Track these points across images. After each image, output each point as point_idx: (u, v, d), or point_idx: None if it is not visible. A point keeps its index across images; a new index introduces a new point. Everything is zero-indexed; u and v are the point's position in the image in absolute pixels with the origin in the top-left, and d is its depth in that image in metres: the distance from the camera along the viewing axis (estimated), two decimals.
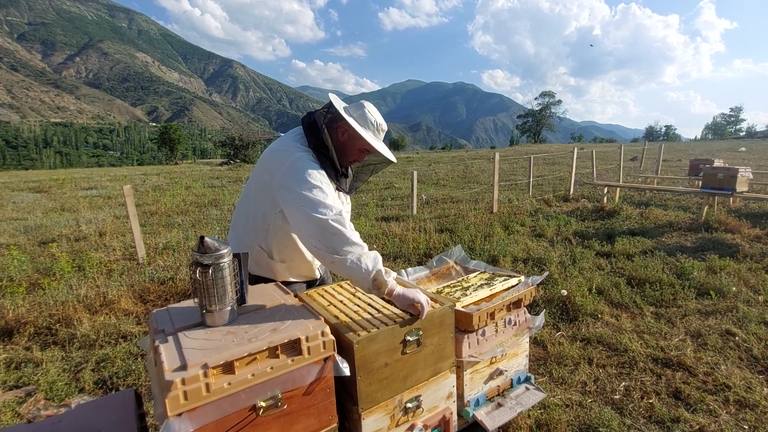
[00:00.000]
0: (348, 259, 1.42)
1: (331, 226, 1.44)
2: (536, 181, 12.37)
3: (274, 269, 1.79)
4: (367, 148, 1.71)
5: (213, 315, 1.26)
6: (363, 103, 1.73)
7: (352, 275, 1.44)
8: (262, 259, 1.77)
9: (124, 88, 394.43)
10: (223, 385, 1.07)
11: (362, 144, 1.68)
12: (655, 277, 4.27)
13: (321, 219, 1.44)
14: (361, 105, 1.72)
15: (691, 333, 3.24)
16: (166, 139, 52.29)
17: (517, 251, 5.40)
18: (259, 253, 1.76)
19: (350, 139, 1.69)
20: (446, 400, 1.63)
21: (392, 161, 1.81)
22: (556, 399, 2.46)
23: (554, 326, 3.43)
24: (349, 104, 1.75)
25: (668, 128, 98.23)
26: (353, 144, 1.70)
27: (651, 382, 2.63)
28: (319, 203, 1.47)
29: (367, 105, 1.73)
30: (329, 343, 1.26)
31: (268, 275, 1.80)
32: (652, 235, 6.15)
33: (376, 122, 1.69)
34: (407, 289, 1.50)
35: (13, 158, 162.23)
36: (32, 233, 7.48)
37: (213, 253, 1.23)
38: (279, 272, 1.81)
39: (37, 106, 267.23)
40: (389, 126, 2.31)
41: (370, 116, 1.69)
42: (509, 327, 1.94)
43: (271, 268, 1.79)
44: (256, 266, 1.79)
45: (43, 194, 13.91)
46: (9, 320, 3.40)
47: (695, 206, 8.14)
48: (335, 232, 1.43)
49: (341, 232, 1.43)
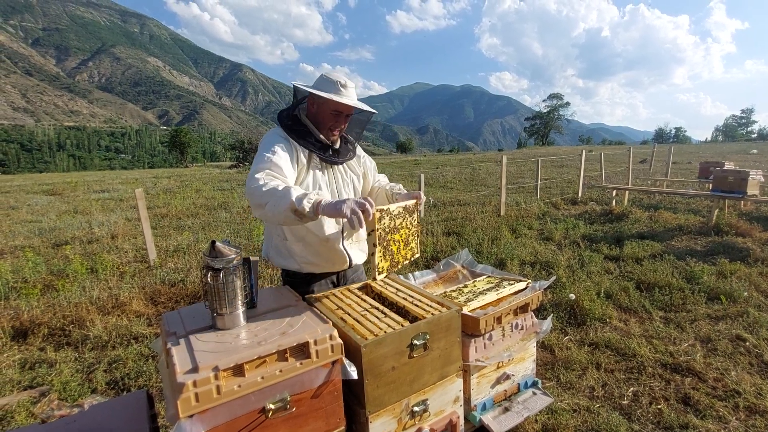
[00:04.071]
0: (267, 204, 1.42)
1: (250, 178, 1.50)
2: (544, 184, 12.31)
3: (294, 253, 1.83)
4: (336, 108, 1.75)
5: (223, 318, 1.29)
6: (323, 73, 1.81)
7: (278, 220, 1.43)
8: (281, 246, 1.85)
9: (135, 92, 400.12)
10: (233, 388, 1.09)
11: (331, 105, 1.74)
12: (665, 281, 4.23)
13: (250, 174, 1.53)
14: (321, 75, 1.79)
15: (701, 338, 3.21)
16: (177, 142, 52.90)
17: (524, 254, 5.39)
18: (279, 240, 1.85)
19: (320, 107, 1.77)
20: (453, 404, 1.64)
21: (367, 110, 1.86)
22: (564, 404, 2.45)
23: (562, 330, 3.41)
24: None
25: (678, 130, 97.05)
26: (323, 110, 1.76)
27: (660, 387, 2.61)
28: (256, 163, 1.58)
29: (327, 72, 1.81)
30: (337, 347, 1.28)
31: (292, 266, 1.85)
32: (662, 238, 6.09)
33: (337, 81, 1.74)
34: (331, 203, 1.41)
35: (28, 161, 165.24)
36: (46, 235, 7.62)
37: (224, 257, 1.26)
38: (300, 256, 1.83)
39: (51, 110, 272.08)
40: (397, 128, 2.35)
41: (329, 77, 1.75)
42: (516, 331, 1.94)
43: (292, 253, 1.83)
44: (279, 256, 1.87)
45: (57, 197, 14.15)
46: (24, 321, 3.47)
47: (705, 209, 8.04)
48: (252, 183, 1.48)
49: (256, 181, 1.47)
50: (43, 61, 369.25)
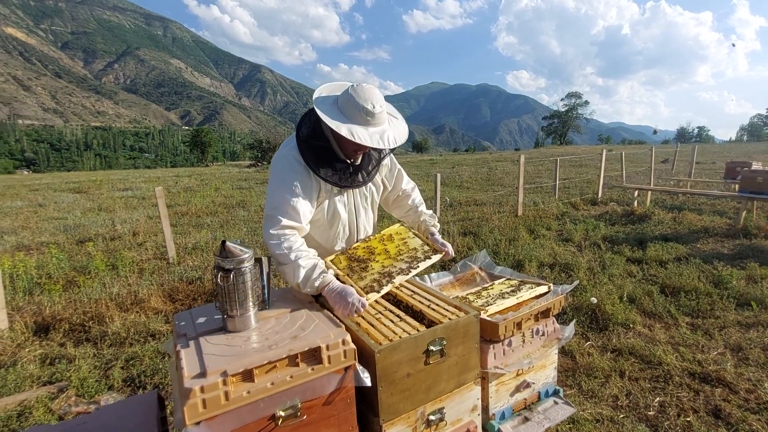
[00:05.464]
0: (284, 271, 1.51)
1: (267, 224, 1.52)
2: (562, 184, 12.04)
3: None
4: (358, 147, 1.56)
5: (234, 320, 1.26)
6: (351, 88, 1.54)
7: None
8: None
9: (159, 93, 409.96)
10: (242, 394, 1.06)
11: (344, 139, 1.51)
12: (691, 286, 4.06)
13: (266, 214, 1.53)
14: (346, 92, 1.53)
15: (731, 346, 3.05)
16: (198, 142, 53.95)
17: (543, 256, 5.26)
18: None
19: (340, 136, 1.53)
20: (470, 413, 1.58)
21: (380, 148, 1.56)
22: (586, 413, 2.36)
23: (583, 335, 3.30)
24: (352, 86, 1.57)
25: (701, 129, 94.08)
26: (344, 139, 1.52)
27: (688, 398, 2.49)
28: (273, 200, 1.53)
29: (354, 89, 1.52)
30: (350, 352, 1.24)
31: None
32: (687, 240, 5.87)
33: (363, 107, 1.48)
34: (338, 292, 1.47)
35: (57, 160, 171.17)
36: (71, 232, 7.83)
37: (234, 257, 1.23)
38: None
39: (79, 111, 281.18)
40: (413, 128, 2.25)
41: (356, 99, 1.48)
42: (537, 337, 1.86)
43: None
44: None
45: (82, 195, 14.57)
46: (46, 317, 3.55)
47: (732, 211, 7.73)
48: (268, 236, 1.51)
49: (270, 236, 1.50)
50: (72, 63, 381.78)
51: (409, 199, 1.96)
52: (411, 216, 1.96)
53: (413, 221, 1.97)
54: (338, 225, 1.75)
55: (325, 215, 1.70)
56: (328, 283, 1.49)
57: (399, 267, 1.69)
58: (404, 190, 1.96)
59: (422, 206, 1.97)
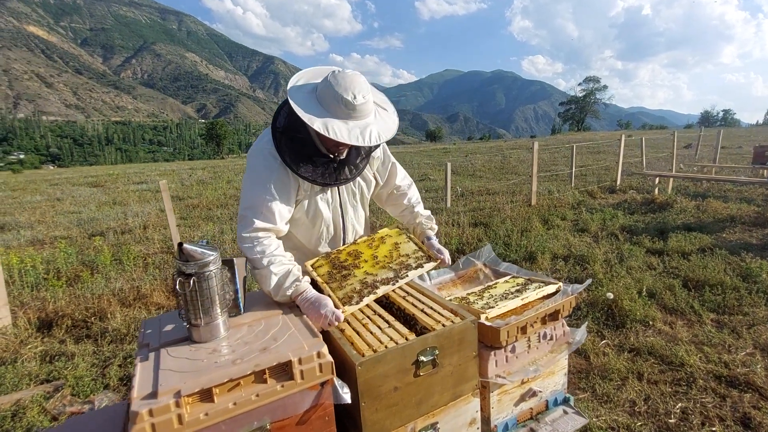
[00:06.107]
0: (257, 277, 1.40)
1: (241, 225, 1.41)
2: (579, 172, 11.65)
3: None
4: (337, 143, 1.38)
5: (199, 330, 1.14)
6: (330, 74, 1.37)
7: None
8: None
9: (175, 87, 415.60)
10: (198, 416, 0.94)
11: (330, 143, 1.40)
12: (716, 279, 3.80)
13: (240, 213, 1.43)
14: (325, 79, 1.37)
15: (761, 346, 2.83)
16: (213, 134, 54.55)
17: (556, 247, 5.04)
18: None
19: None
20: (468, 427, 1.44)
21: (360, 145, 1.35)
22: (600, 421, 2.19)
23: (598, 333, 3.11)
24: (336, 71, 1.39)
25: (726, 113, 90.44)
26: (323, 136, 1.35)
27: (713, 404, 2.29)
28: (247, 198, 1.42)
29: (335, 76, 1.35)
30: (326, 366, 1.11)
31: None
32: (711, 230, 5.56)
33: (342, 97, 1.31)
34: (311, 302, 1.35)
35: (80, 155, 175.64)
36: (85, 226, 7.92)
37: (196, 261, 1.10)
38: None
39: (99, 107, 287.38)
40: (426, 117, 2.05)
41: (335, 89, 1.32)
42: (544, 342, 1.71)
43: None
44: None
45: (99, 188, 14.83)
46: (49, 312, 3.53)
47: (760, 198, 7.32)
48: (242, 239, 1.41)
49: (243, 239, 1.40)
50: (91, 59, 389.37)
51: (405, 197, 1.78)
52: (406, 216, 1.80)
53: (408, 222, 1.81)
54: (321, 224, 1.60)
55: (306, 215, 1.55)
56: (302, 291, 1.36)
57: (384, 276, 1.53)
58: (399, 186, 1.78)
59: (419, 206, 1.80)
